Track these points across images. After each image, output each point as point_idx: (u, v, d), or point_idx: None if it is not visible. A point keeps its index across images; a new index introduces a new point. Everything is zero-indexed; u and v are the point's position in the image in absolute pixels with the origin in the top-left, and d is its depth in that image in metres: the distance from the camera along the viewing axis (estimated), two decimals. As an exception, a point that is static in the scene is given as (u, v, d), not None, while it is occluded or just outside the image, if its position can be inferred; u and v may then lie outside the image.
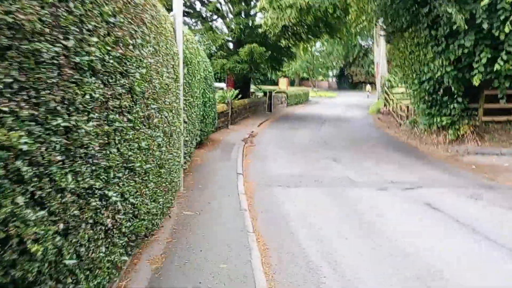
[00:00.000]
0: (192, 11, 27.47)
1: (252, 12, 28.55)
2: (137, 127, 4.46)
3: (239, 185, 10.00)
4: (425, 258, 6.13)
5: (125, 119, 4.14)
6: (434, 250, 6.43)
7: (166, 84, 6.16)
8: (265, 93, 32.61)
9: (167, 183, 6.32)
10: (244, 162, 13.13)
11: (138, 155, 4.46)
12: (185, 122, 8.82)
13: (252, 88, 33.74)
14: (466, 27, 12.80)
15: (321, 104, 46.10)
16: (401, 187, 10.41)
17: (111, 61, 3.78)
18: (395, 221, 7.85)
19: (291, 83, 65.60)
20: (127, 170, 4.20)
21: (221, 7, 27.78)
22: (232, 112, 22.54)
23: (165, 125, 5.92)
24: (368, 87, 60.11)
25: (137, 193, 4.49)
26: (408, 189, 10.25)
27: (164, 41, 6.25)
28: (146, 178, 4.87)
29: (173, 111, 6.79)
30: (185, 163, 9.49)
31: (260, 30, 24.45)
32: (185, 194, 8.86)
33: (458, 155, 15.11)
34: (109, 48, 3.73)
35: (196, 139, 11.58)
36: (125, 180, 4.14)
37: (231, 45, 29.25)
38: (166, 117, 5.99)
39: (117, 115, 3.94)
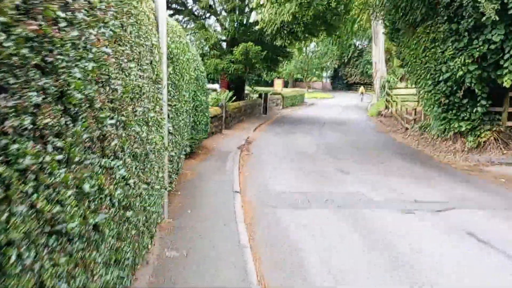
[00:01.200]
0: (183, 9, 25.58)
1: (247, 10, 26.71)
2: (76, 159, 2.62)
3: (237, 209, 8.18)
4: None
5: (49, 149, 2.32)
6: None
7: (138, 87, 4.33)
8: (260, 95, 30.81)
9: (138, 229, 4.47)
10: (241, 175, 11.30)
11: (77, 207, 2.62)
12: (170, 133, 6.98)
13: (247, 89, 31.91)
14: (497, 18, 11.02)
15: (317, 105, 44.39)
16: (429, 209, 8.68)
17: (11, 45, 1.98)
18: (438, 261, 6.07)
19: (285, 84, 63.77)
20: (51, 239, 2.37)
21: (214, 4, 25.90)
22: (226, 116, 20.72)
23: (134, 145, 4.09)
24: (362, 88, 55.28)
25: (73, 271, 2.65)
26: (438, 212, 8.51)
27: (135, 26, 4.42)
28: (96, 238, 3.02)
29: (150, 123, 4.96)
30: (171, 183, 7.67)
31: (256, 27, 22.62)
32: (171, 224, 7.02)
33: (481, 165, 13.40)
34: (5, 20, 1.93)
35: (185, 150, 9.74)
36: (46, 258, 2.31)
37: (225, 45, 27.45)
38: (136, 133, 4.15)
39: (27, 143, 2.11)
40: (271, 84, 53.72)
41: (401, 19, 16.67)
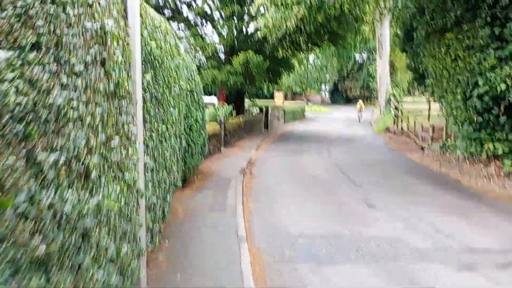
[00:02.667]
0: (177, 15, 23.36)
1: (246, 18, 24.54)
2: None
3: (244, 267, 5.92)
4: None
5: None
6: None
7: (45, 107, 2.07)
8: (261, 109, 28.60)
9: None
10: (246, 210, 9.02)
11: None
12: (148, 169, 4.75)
13: (246, 103, 29.69)
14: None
15: (318, 120, 42.21)
16: (493, 261, 6.52)
17: None
18: None
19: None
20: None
21: (211, 11, 23.70)
22: (225, 133, 18.49)
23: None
24: (360, 104, 42.67)
25: None
26: (506, 267, 6.32)
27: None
28: None
29: (94, 174, 2.70)
30: (151, 241, 5.36)
31: (259, 34, 20.40)
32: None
33: (525, 194, 11.23)
34: None
35: (175, 185, 7.43)
36: None
37: (223, 56, 25.31)
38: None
39: None
40: (269, 97, 51.65)
41: (425, 24, 14.53)
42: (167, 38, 6.13)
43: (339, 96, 79.26)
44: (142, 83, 4.51)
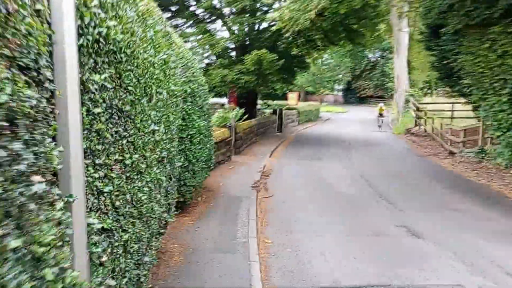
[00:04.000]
0: (183, 9, 21.26)
1: (258, 13, 22.45)
2: None
3: None
4: None
5: None
6: None
7: None
8: (274, 111, 26.54)
9: None
10: (262, 247, 6.99)
11: None
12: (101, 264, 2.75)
13: (259, 104, 27.62)
14: None
15: (333, 121, 40.00)
16: None
17: None
18: None
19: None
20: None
21: (221, 5, 21.60)
22: (236, 139, 16.50)
23: None
24: (381, 106, 34.36)
25: None
26: None
27: None
28: None
29: None
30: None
31: (273, 29, 18.31)
32: None
33: None
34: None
35: (162, 225, 5.39)
36: None
37: (234, 54, 23.30)
38: None
39: None
40: (282, 97, 49.44)
41: (463, 16, 12.43)
42: (147, 20, 4.14)
43: (352, 96, 76.81)
44: (84, 88, 2.53)
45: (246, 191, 10.61)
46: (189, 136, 7.83)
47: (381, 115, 32.99)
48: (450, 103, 28.78)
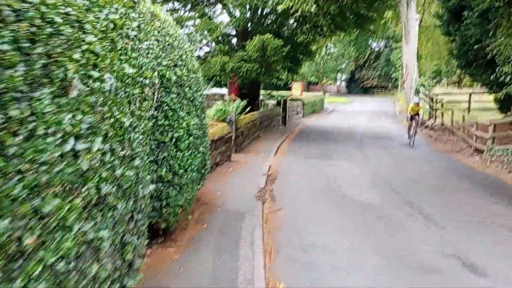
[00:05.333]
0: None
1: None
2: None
3: None
4: None
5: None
6: None
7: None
8: (278, 102, 24.41)
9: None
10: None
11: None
12: None
13: (261, 95, 25.49)
14: None
15: (339, 112, 37.79)
16: None
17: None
18: None
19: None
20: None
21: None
22: (237, 135, 14.42)
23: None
24: (416, 101, 18.66)
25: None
26: None
27: None
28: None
29: None
30: None
31: (279, 8, 16.08)
32: None
33: None
34: None
35: None
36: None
37: (234, 41, 21.12)
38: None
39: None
40: (283, 88, 47.10)
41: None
42: None
43: (356, 85, 74.47)
44: None
45: (250, 203, 8.56)
46: (174, 140, 5.77)
47: (414, 117, 18.12)
48: (467, 93, 26.75)
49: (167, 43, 5.77)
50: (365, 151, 16.32)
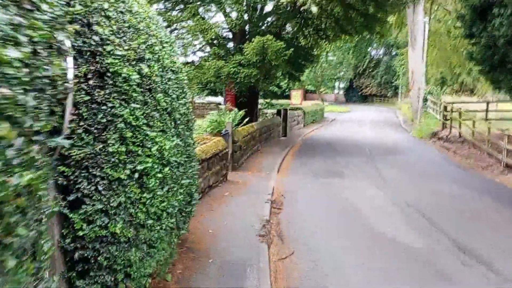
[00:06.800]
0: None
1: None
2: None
3: None
4: None
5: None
6: None
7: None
8: (278, 111, 22.32)
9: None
10: None
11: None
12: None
13: (260, 104, 23.37)
14: None
15: (340, 122, 35.70)
16: None
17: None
18: None
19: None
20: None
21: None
22: (234, 149, 12.31)
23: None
24: None
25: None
26: None
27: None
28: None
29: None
30: None
31: (283, 0, 13.98)
32: None
33: None
34: None
35: None
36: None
37: (231, 45, 19.03)
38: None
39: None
40: (281, 96, 44.89)
41: None
42: None
43: (354, 94, 72.47)
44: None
45: (251, 246, 6.42)
46: (138, 175, 3.65)
47: None
48: (479, 102, 24.76)
49: (127, 24, 3.69)
50: (378, 167, 14.22)
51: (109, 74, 3.41)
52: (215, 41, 17.28)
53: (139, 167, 3.65)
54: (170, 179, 4.34)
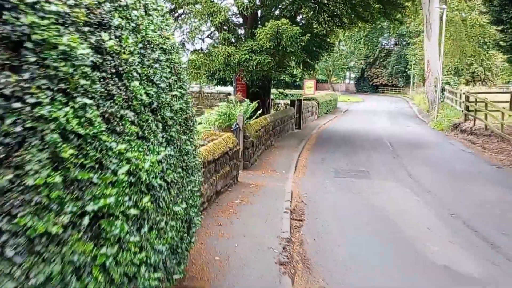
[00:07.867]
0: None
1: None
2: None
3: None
4: None
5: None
6: None
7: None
8: (292, 102, 20.68)
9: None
10: None
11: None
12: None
13: (272, 94, 21.72)
14: None
15: (354, 113, 33.95)
16: None
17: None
18: None
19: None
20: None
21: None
22: (246, 146, 10.74)
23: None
24: None
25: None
26: None
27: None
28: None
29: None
30: None
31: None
32: None
33: None
34: None
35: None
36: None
37: (241, 32, 17.39)
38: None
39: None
40: (292, 86, 43.17)
41: None
42: None
43: (365, 84, 70.51)
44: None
45: (270, 281, 4.87)
46: (89, 219, 2.08)
47: None
48: (500, 93, 22.92)
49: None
50: (405, 165, 12.60)
51: (29, 45, 1.84)
52: (224, 27, 15.63)
53: (90, 207, 2.08)
54: (153, 211, 2.78)
